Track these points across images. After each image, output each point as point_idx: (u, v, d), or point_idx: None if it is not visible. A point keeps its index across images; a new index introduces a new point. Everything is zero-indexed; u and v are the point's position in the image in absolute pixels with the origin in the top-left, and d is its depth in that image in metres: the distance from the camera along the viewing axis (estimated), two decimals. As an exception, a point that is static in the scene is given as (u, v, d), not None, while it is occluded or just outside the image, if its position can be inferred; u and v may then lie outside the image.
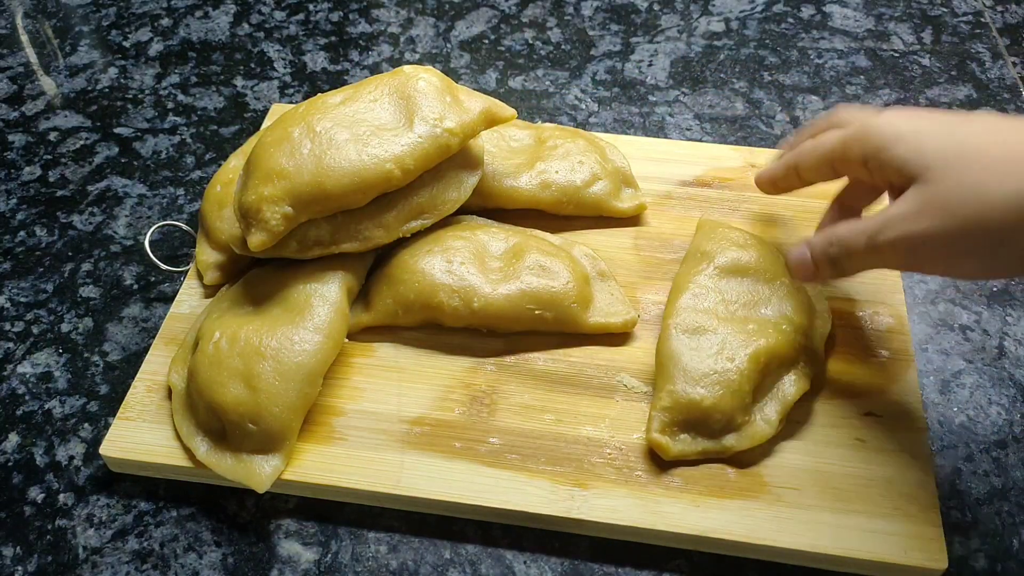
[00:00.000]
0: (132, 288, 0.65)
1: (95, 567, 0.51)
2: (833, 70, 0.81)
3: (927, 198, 0.44)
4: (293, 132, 0.56)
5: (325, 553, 0.51)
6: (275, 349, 0.52)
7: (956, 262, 0.44)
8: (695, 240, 0.60)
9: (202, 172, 0.73)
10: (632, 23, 0.87)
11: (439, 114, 0.57)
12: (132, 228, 0.69)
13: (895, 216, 0.45)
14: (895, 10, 0.87)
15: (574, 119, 0.77)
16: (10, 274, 0.66)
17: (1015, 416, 0.56)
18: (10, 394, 0.59)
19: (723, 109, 0.77)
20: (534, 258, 0.58)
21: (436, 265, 0.57)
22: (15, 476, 0.55)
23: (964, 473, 0.53)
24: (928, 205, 0.44)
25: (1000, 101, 0.77)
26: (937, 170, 0.44)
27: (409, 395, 0.56)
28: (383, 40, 0.86)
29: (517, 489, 0.51)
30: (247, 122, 0.78)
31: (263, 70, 0.83)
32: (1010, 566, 0.50)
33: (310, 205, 0.54)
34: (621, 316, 0.58)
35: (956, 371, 0.58)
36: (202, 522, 0.53)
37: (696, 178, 0.68)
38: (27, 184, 0.73)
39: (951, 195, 0.43)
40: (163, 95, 0.80)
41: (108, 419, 0.58)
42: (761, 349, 0.52)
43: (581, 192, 0.63)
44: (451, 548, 0.51)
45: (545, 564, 0.50)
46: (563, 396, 0.55)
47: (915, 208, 0.44)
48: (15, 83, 0.82)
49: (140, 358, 0.59)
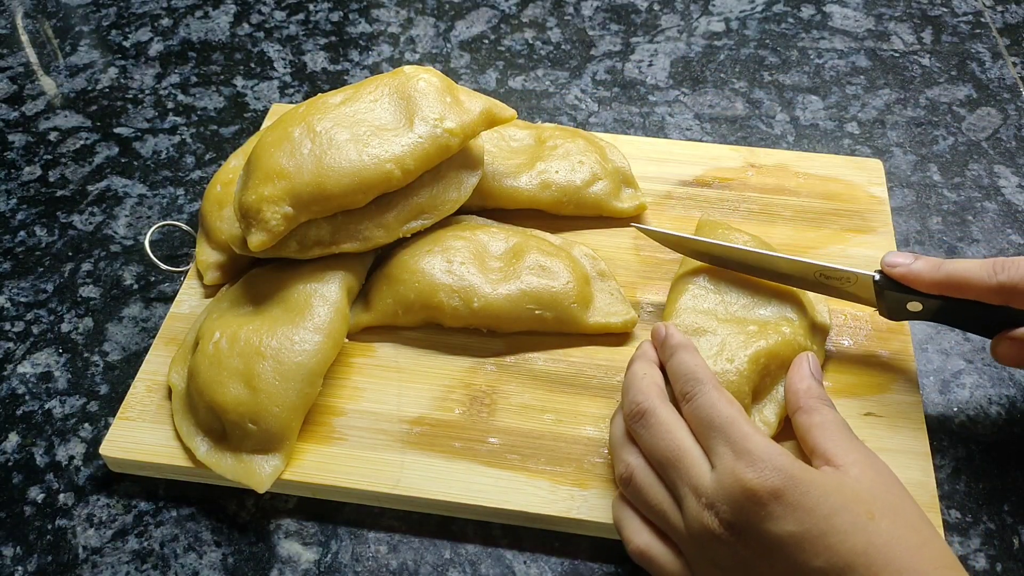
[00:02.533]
0: (132, 288, 0.65)
1: (95, 567, 0.51)
2: (833, 70, 0.81)
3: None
4: (293, 132, 0.56)
5: (325, 553, 0.51)
6: (275, 349, 0.52)
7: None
8: None
9: (202, 172, 0.73)
10: (632, 23, 0.87)
11: (439, 114, 0.57)
12: (132, 228, 0.69)
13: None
14: (895, 10, 0.87)
15: (574, 119, 0.77)
16: (10, 274, 0.66)
17: (1015, 416, 0.56)
18: (10, 394, 0.59)
19: (723, 109, 0.77)
20: (534, 258, 0.58)
21: (436, 265, 0.57)
22: (15, 476, 0.55)
23: (964, 473, 0.53)
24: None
25: (1000, 101, 0.77)
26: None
27: (409, 395, 0.56)
28: (383, 40, 0.86)
29: (517, 489, 0.51)
30: (247, 122, 0.78)
31: (263, 70, 0.83)
32: (1010, 566, 0.50)
33: (310, 205, 0.54)
34: (621, 316, 0.58)
35: (956, 371, 0.58)
36: (202, 522, 0.53)
37: (696, 178, 0.68)
38: (27, 184, 0.73)
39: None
40: (163, 95, 0.80)
41: (108, 419, 0.58)
42: (761, 351, 0.52)
43: (581, 192, 0.63)
44: (451, 548, 0.51)
45: (545, 564, 0.50)
46: (563, 396, 0.55)
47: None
48: (15, 83, 0.82)
49: (140, 358, 0.59)
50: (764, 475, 0.40)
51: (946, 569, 0.40)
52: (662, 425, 0.45)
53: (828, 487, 0.41)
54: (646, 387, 0.47)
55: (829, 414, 0.46)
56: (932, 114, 0.76)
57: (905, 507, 0.41)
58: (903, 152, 0.73)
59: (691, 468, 0.43)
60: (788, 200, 0.66)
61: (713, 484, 0.42)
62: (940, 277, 0.50)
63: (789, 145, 0.74)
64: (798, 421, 0.47)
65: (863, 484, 0.42)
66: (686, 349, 0.48)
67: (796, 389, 0.49)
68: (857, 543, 0.39)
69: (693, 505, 0.42)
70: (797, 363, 0.50)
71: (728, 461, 0.42)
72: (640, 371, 0.48)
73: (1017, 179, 0.70)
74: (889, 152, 0.73)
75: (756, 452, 0.41)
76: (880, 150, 0.73)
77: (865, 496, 0.41)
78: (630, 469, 0.46)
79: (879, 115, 0.76)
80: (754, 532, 0.40)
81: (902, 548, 0.39)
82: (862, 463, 0.43)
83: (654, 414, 0.46)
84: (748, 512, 0.40)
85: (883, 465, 0.44)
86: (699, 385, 0.45)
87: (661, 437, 0.45)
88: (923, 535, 0.40)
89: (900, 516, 0.41)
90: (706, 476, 0.43)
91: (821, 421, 0.46)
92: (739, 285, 0.56)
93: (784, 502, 0.40)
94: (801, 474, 0.41)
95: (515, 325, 0.57)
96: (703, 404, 0.45)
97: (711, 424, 0.44)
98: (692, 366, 0.47)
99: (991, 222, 0.67)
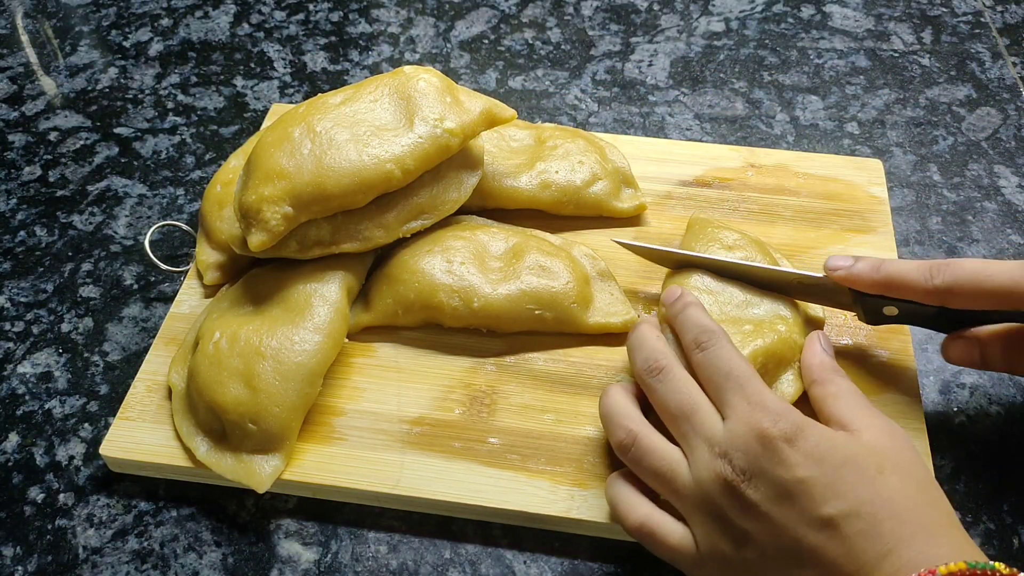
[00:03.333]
0: (132, 288, 0.65)
1: (95, 567, 0.51)
2: (833, 70, 0.81)
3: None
4: (293, 132, 0.56)
5: (325, 553, 0.51)
6: (275, 349, 0.52)
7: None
8: (684, 239, 0.60)
9: (202, 172, 0.73)
10: (632, 23, 0.87)
11: (439, 114, 0.57)
12: (132, 228, 0.69)
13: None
14: (895, 10, 0.87)
15: (574, 119, 0.77)
16: (10, 274, 0.66)
17: (1015, 416, 0.56)
18: (10, 394, 0.59)
19: (723, 109, 0.77)
20: (534, 258, 0.58)
21: (436, 265, 0.57)
22: (15, 476, 0.55)
23: (964, 473, 0.53)
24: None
25: (1000, 101, 0.77)
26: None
27: (409, 395, 0.56)
28: (383, 40, 0.86)
29: (517, 489, 0.51)
30: (247, 122, 0.78)
31: (263, 70, 0.83)
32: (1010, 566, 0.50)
33: (310, 205, 0.54)
34: (621, 316, 0.58)
35: (956, 371, 0.58)
36: (202, 522, 0.53)
37: (696, 178, 0.68)
38: (27, 184, 0.73)
39: None
40: (163, 95, 0.80)
41: (108, 419, 0.58)
42: (759, 350, 0.51)
43: (581, 192, 0.63)
44: (451, 548, 0.51)
45: (545, 564, 0.50)
46: (563, 396, 0.55)
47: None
48: (15, 83, 0.82)
49: (140, 358, 0.59)
50: (779, 424, 0.42)
51: (951, 528, 0.41)
52: (679, 380, 0.47)
53: (838, 440, 0.43)
54: (661, 346, 0.49)
55: (844, 384, 0.48)
56: (932, 114, 0.76)
57: (915, 468, 0.43)
58: (903, 152, 0.73)
59: (705, 420, 0.45)
60: (788, 200, 0.66)
61: (726, 433, 0.44)
62: (879, 278, 0.51)
63: (789, 145, 0.74)
64: (814, 393, 0.48)
65: (875, 444, 0.43)
66: (697, 306, 0.51)
67: (810, 364, 0.50)
68: (864, 493, 0.41)
69: (705, 455, 0.44)
70: (810, 340, 0.52)
71: (743, 411, 0.44)
72: (651, 333, 0.50)
73: (1017, 179, 0.70)
74: (889, 152, 0.73)
75: (771, 405, 0.44)
76: (880, 150, 0.73)
77: (876, 453, 0.42)
78: (632, 435, 0.47)
79: (879, 115, 0.76)
80: (765, 478, 0.42)
81: (908, 503, 0.41)
82: (876, 427, 0.44)
83: (671, 370, 0.48)
84: (760, 457, 0.42)
85: (898, 430, 0.45)
86: (714, 336, 0.48)
87: (678, 391, 0.47)
88: (930, 495, 0.42)
89: (910, 475, 0.42)
90: (719, 427, 0.45)
91: (836, 391, 0.47)
92: (733, 283, 0.56)
93: (796, 448, 0.42)
94: (812, 427, 0.43)
95: (515, 325, 0.57)
96: (721, 355, 0.47)
97: (728, 375, 0.46)
98: (705, 319, 0.49)
99: (991, 222, 0.67)
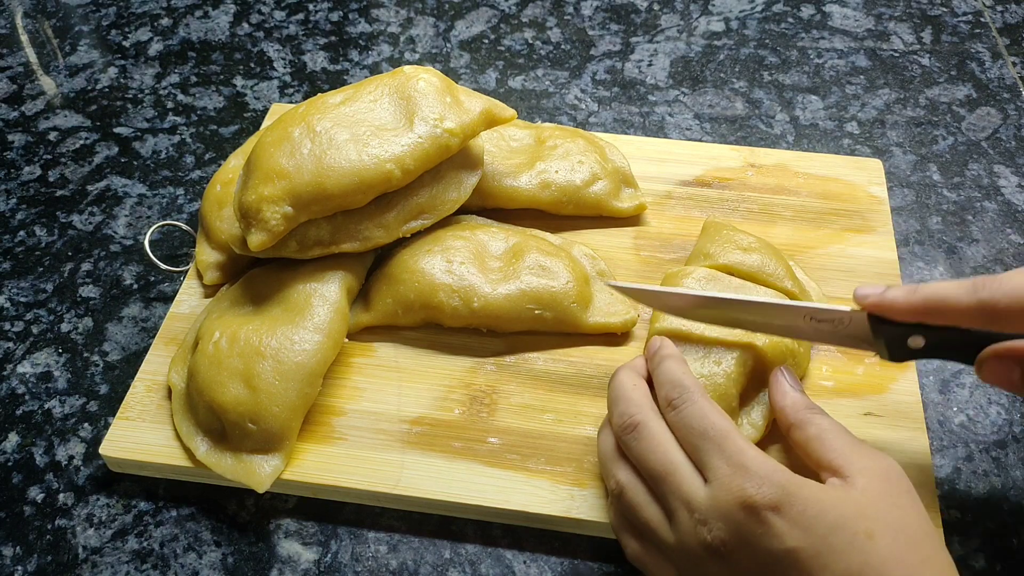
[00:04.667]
0: (132, 288, 0.65)
1: (95, 567, 0.51)
2: (833, 70, 0.81)
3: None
4: (293, 132, 0.56)
5: (325, 553, 0.51)
6: (275, 349, 0.52)
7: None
8: (699, 241, 0.60)
9: (202, 172, 0.73)
10: (632, 23, 0.87)
11: (439, 114, 0.57)
12: (132, 228, 0.69)
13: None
14: (895, 10, 0.87)
15: (574, 119, 0.77)
16: (10, 274, 0.66)
17: (1015, 416, 0.56)
18: (10, 394, 0.59)
19: (723, 109, 0.77)
20: (534, 258, 0.58)
21: (436, 265, 0.57)
22: (15, 476, 0.55)
23: (964, 473, 0.53)
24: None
25: (1000, 101, 0.77)
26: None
27: (409, 395, 0.56)
28: (383, 40, 0.86)
29: (517, 489, 0.51)
30: (247, 122, 0.78)
31: (263, 70, 0.83)
32: (1010, 566, 0.50)
33: (310, 205, 0.54)
34: (621, 316, 0.58)
35: (956, 371, 0.58)
36: (202, 522, 0.53)
37: (696, 178, 0.68)
38: (27, 184, 0.73)
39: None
40: (163, 95, 0.80)
41: (108, 419, 0.58)
42: (749, 353, 0.51)
43: (581, 192, 0.63)
44: (451, 548, 0.51)
45: (545, 564, 0.50)
46: (563, 396, 0.55)
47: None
48: (15, 83, 0.82)
49: (140, 358, 0.59)
50: (763, 490, 0.40)
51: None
52: (654, 438, 0.44)
53: (826, 503, 0.40)
54: (637, 398, 0.46)
55: (823, 422, 0.45)
56: (932, 114, 0.76)
57: (908, 521, 0.41)
58: (903, 152, 0.73)
59: (683, 483, 0.42)
60: (788, 200, 0.66)
61: (707, 499, 0.41)
62: (917, 302, 0.45)
63: (789, 145, 0.74)
64: (794, 438, 0.46)
65: (868, 496, 0.41)
66: (674, 358, 0.48)
67: (781, 407, 0.47)
68: (853, 563, 0.38)
69: (686, 520, 0.42)
70: (774, 380, 0.49)
71: (724, 475, 0.41)
72: (629, 382, 0.48)
73: (1017, 179, 0.70)
74: (889, 152, 0.73)
75: (753, 467, 0.41)
76: (880, 150, 0.73)
77: (867, 512, 0.40)
78: (620, 486, 0.45)
79: (879, 115, 0.76)
80: (749, 549, 0.40)
81: (900, 568, 0.39)
82: (870, 470, 0.42)
83: (646, 427, 0.45)
84: (744, 528, 0.40)
85: (893, 467, 0.43)
86: (686, 392, 0.45)
87: (652, 450, 0.44)
88: (923, 552, 0.40)
89: (901, 533, 0.40)
90: (699, 491, 0.42)
91: (817, 432, 0.45)
92: (728, 284, 0.56)
93: (783, 516, 0.39)
94: (799, 490, 0.40)
95: (515, 325, 0.57)
96: (694, 413, 0.44)
97: (704, 435, 0.43)
98: (679, 374, 0.46)
99: (991, 222, 0.67)
